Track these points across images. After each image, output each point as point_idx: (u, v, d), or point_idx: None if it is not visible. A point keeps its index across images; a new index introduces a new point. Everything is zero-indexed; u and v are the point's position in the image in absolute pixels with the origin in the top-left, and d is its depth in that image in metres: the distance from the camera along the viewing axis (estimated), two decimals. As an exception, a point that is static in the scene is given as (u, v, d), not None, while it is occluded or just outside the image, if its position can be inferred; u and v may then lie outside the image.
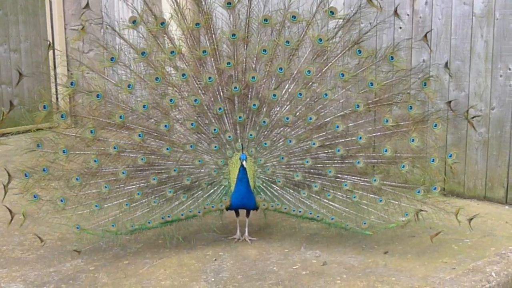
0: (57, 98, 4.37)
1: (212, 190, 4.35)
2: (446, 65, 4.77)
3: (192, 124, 4.33)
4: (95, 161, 4.20)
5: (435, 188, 4.18)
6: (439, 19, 5.28)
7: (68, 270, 4.03)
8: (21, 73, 4.36)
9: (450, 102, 4.39)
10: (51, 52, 7.88)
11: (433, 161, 4.22)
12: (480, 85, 5.16)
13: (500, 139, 5.14)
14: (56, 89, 4.33)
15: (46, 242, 4.34)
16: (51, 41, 8.23)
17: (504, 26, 4.99)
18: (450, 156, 4.27)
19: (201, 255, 4.23)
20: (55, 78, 7.48)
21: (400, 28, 5.41)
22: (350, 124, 4.32)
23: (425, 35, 4.48)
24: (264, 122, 4.34)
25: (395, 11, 4.42)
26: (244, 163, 4.13)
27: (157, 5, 4.78)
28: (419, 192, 4.16)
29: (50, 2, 8.48)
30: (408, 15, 5.41)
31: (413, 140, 4.20)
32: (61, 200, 4.14)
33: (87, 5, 4.42)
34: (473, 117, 4.39)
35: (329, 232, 4.41)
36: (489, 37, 5.06)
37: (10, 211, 4.13)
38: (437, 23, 5.29)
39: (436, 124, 4.24)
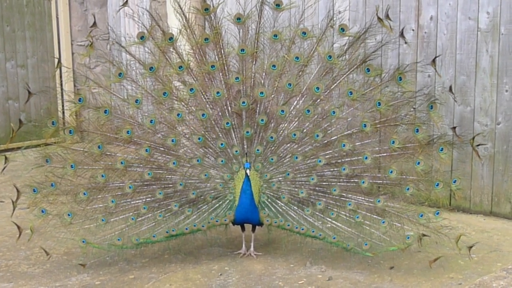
0: (63, 113, 4.39)
1: (217, 204, 4.35)
2: (450, 89, 4.77)
3: (199, 139, 4.34)
4: (102, 176, 4.23)
5: (438, 213, 4.14)
6: (444, 34, 5.31)
7: (74, 284, 4.02)
8: (30, 91, 4.37)
9: (455, 128, 4.37)
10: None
11: (437, 185, 4.19)
12: (485, 100, 5.17)
13: (506, 154, 5.13)
14: (63, 104, 4.35)
15: (52, 257, 4.35)
16: (58, 57, 8.29)
17: (509, 41, 5.00)
18: (455, 181, 4.23)
19: (207, 270, 4.22)
20: (62, 94, 7.52)
21: (406, 43, 5.42)
22: (357, 143, 4.30)
23: (433, 60, 4.45)
24: (271, 137, 4.34)
25: (401, 33, 4.48)
26: (248, 171, 4.14)
27: (163, 20, 4.82)
28: (422, 216, 4.12)
29: (57, 18, 8.57)
30: (413, 30, 5.43)
31: (418, 163, 4.17)
32: (69, 215, 4.17)
33: (94, 24, 4.46)
34: (478, 145, 4.35)
35: (334, 247, 4.39)
36: (494, 52, 5.08)
37: (18, 227, 4.16)
38: (442, 38, 5.32)
39: (442, 148, 4.20)
